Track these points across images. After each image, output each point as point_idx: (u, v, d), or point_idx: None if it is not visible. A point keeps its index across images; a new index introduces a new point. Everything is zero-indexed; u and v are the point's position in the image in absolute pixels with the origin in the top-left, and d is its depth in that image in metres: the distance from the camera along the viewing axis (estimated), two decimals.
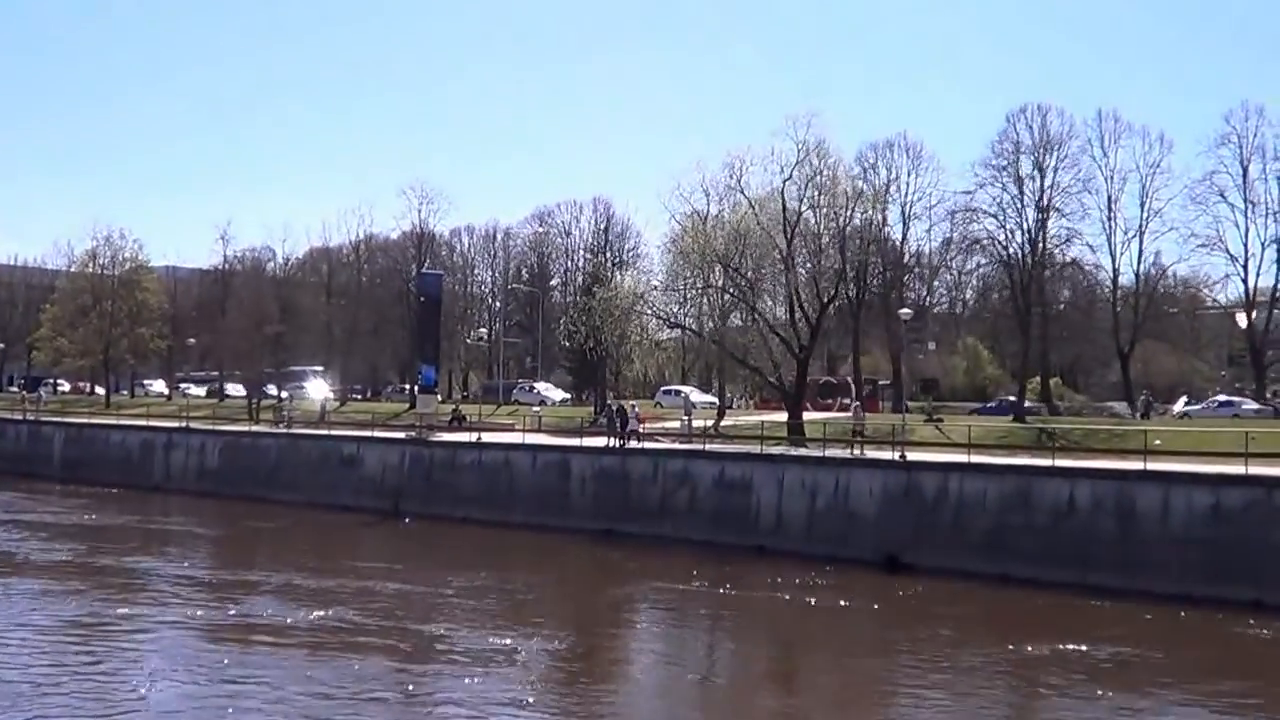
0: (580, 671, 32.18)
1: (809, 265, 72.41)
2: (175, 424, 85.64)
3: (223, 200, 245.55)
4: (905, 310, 73.94)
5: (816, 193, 70.94)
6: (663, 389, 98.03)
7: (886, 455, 55.57)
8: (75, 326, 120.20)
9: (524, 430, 70.87)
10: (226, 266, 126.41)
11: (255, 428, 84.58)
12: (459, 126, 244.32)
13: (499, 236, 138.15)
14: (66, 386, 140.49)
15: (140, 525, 62.98)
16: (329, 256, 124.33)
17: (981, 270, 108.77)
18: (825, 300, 71.59)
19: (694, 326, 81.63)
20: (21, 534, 57.39)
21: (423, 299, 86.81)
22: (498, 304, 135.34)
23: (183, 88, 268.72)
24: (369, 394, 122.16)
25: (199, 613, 37.86)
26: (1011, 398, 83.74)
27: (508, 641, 34.23)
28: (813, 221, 71.86)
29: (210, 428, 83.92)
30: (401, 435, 73.66)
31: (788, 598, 43.09)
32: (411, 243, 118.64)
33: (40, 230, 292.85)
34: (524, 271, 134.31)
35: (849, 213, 73.69)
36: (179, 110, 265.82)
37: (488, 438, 69.09)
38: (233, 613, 38.01)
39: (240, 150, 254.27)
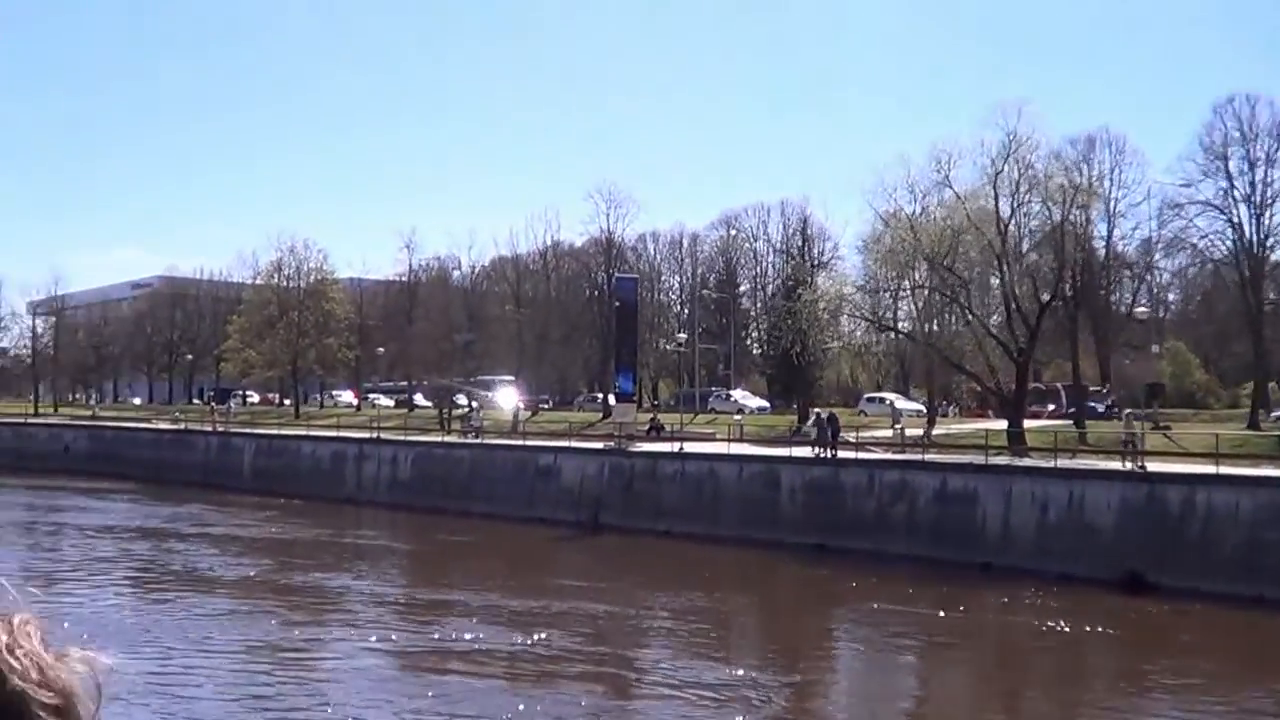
0: (792, 704, 29.26)
1: (1022, 264, 69.19)
2: (366, 435, 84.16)
3: (406, 209, 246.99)
4: (1141, 309, 70.75)
5: (1027, 187, 67.67)
6: (866, 396, 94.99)
7: (1117, 465, 51.91)
8: (262, 337, 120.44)
9: (727, 440, 67.79)
10: (412, 276, 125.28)
11: (448, 438, 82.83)
12: (644, 130, 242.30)
13: (685, 242, 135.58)
14: (255, 398, 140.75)
15: (332, 539, 60.92)
16: (516, 264, 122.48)
17: (1189, 270, 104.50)
18: (1044, 300, 67.95)
19: (904, 329, 78.52)
20: (209, 548, 55.59)
21: (618, 304, 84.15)
22: (686, 311, 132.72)
23: (366, 99, 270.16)
24: (559, 403, 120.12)
25: (395, 636, 35.48)
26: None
27: (715, 669, 31.60)
28: (1013, 217, 68.61)
29: (401, 438, 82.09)
30: (599, 445, 71.00)
31: (1018, 620, 39.83)
32: (599, 249, 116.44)
33: (224, 242, 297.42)
34: (712, 277, 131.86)
35: (1066, 208, 70.05)
36: (362, 121, 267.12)
37: (689, 447, 66.37)
38: (433, 636, 35.44)
39: (423, 159, 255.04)
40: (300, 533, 62.74)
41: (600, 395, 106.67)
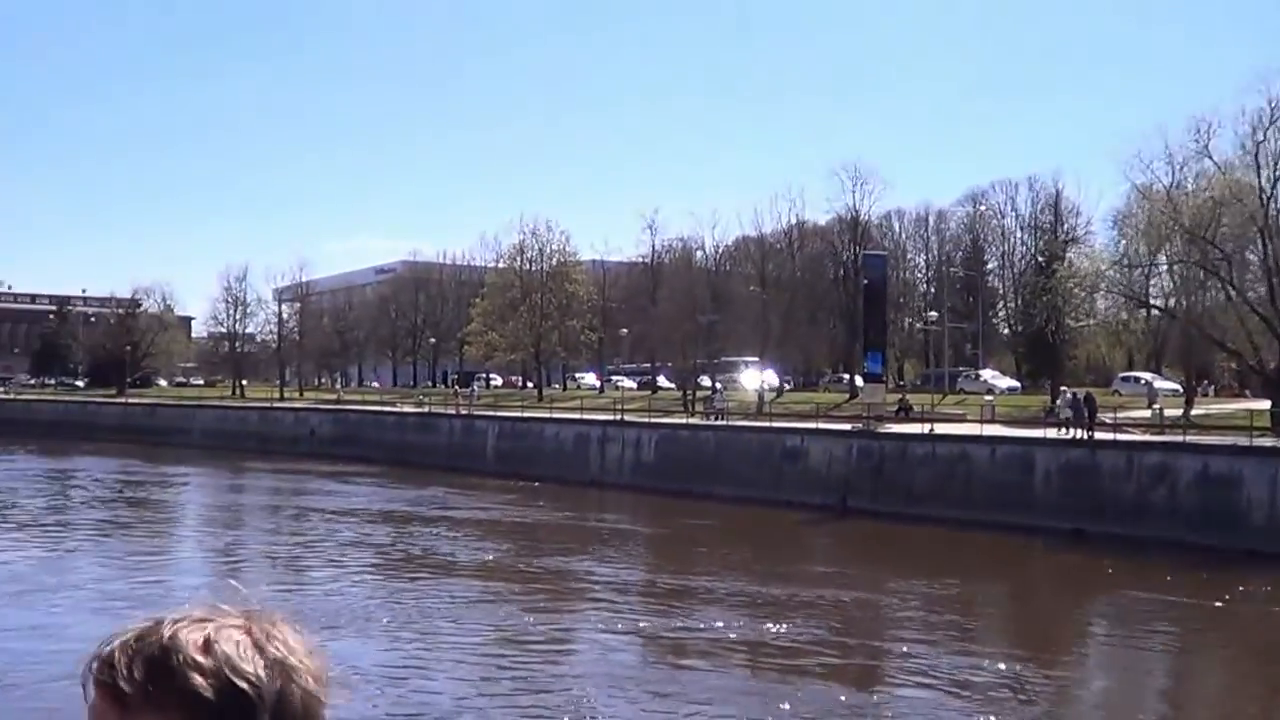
0: (1054, 705, 27.51)
1: None
2: (609, 417, 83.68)
3: (649, 190, 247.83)
4: None
5: None
6: (1120, 376, 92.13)
7: None
8: (505, 320, 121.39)
9: (979, 420, 65.78)
10: (655, 257, 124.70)
11: (692, 420, 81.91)
12: (887, 107, 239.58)
13: (931, 219, 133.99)
14: (499, 380, 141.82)
15: (574, 523, 60.13)
16: (760, 243, 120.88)
17: None
18: None
19: (1157, 305, 75.80)
20: (450, 532, 55.12)
21: (866, 282, 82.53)
22: (931, 290, 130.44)
23: (607, 80, 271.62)
24: (801, 384, 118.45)
25: (638, 624, 34.19)
26: None
27: (971, 663, 29.75)
28: (1276, 188, 65.63)
29: (646, 420, 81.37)
30: (847, 427, 69.26)
31: None
32: (844, 227, 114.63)
33: (466, 226, 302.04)
34: (958, 255, 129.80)
35: None
36: (605, 102, 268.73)
37: (939, 429, 64.44)
38: (677, 625, 33.98)
39: (666, 139, 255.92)
40: (542, 515, 62.18)
41: (845, 376, 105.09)
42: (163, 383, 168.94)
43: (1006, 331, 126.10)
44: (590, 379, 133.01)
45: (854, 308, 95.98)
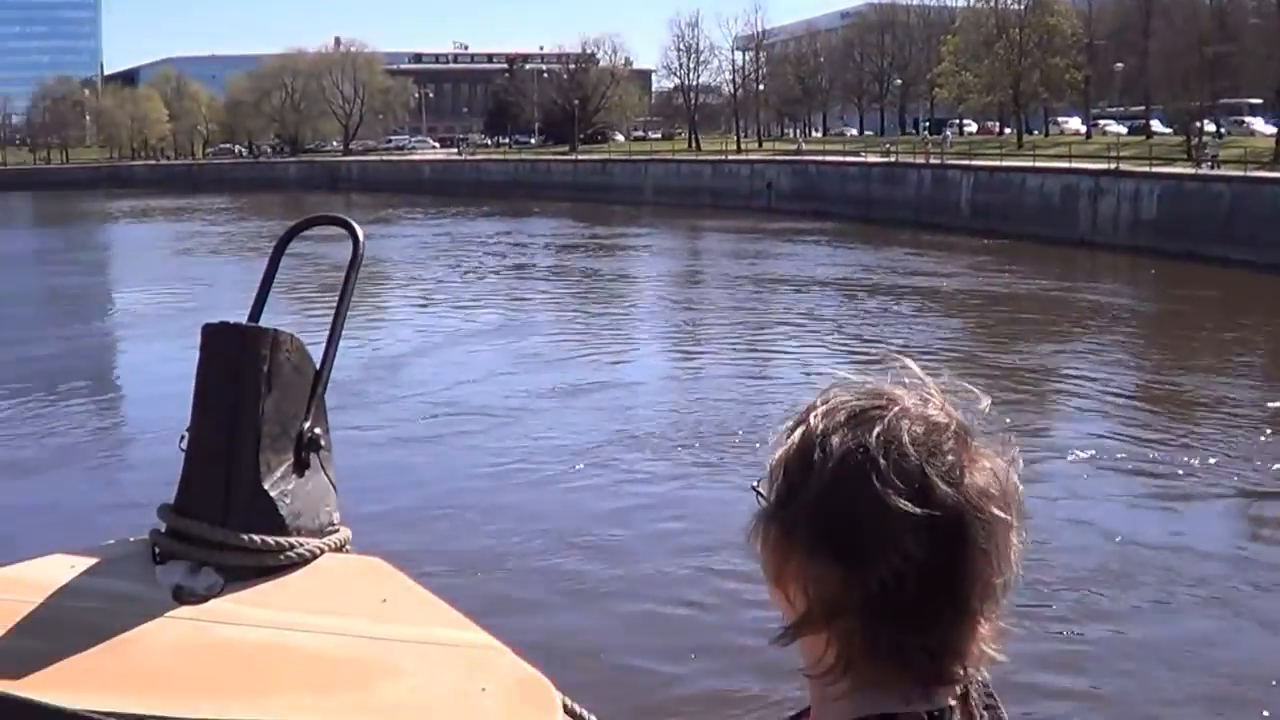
0: None
1: None
2: (1101, 166, 74.22)
3: None
4: None
5: None
6: None
7: None
8: (979, 59, 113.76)
9: None
10: None
11: (1199, 170, 71.31)
12: None
13: None
14: (973, 127, 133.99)
15: (1057, 294, 50.35)
16: None
17: None
18: None
19: None
20: (909, 306, 47.04)
21: None
22: None
23: None
24: None
25: (1117, 454, 24.70)
26: None
27: None
28: None
29: (1145, 170, 71.81)
30: None
31: None
32: None
33: None
34: None
35: None
36: None
37: None
38: (1165, 460, 24.20)
39: None
40: (1018, 284, 53.21)
41: None
42: (619, 138, 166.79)
43: None
44: (1074, 124, 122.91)
45: None
